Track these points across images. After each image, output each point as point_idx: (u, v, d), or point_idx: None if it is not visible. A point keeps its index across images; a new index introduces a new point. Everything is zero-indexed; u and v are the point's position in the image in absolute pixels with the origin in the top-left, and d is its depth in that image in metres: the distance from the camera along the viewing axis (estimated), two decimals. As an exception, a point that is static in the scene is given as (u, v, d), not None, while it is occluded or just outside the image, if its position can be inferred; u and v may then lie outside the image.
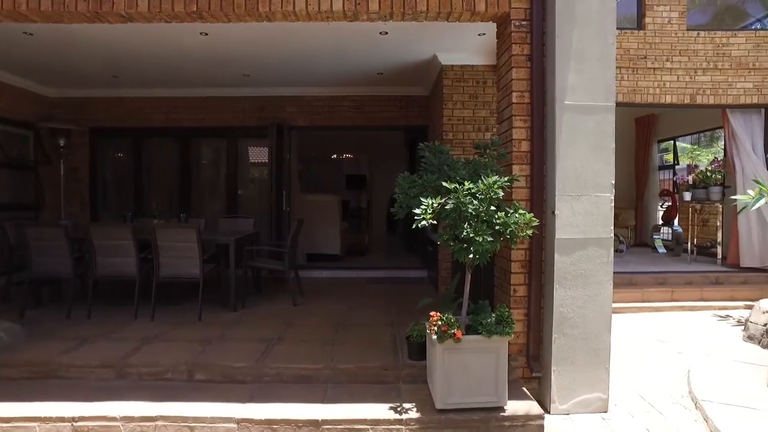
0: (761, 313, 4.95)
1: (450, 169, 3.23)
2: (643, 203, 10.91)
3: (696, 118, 9.40)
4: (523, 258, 3.65)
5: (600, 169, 3.52)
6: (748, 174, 7.21)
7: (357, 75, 7.35)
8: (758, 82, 7.44)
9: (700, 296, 6.87)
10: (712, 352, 4.71)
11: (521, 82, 3.68)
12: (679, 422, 3.53)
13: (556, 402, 3.62)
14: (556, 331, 3.54)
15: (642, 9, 7.59)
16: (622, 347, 5.13)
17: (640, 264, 8.00)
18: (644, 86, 7.46)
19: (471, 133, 6.17)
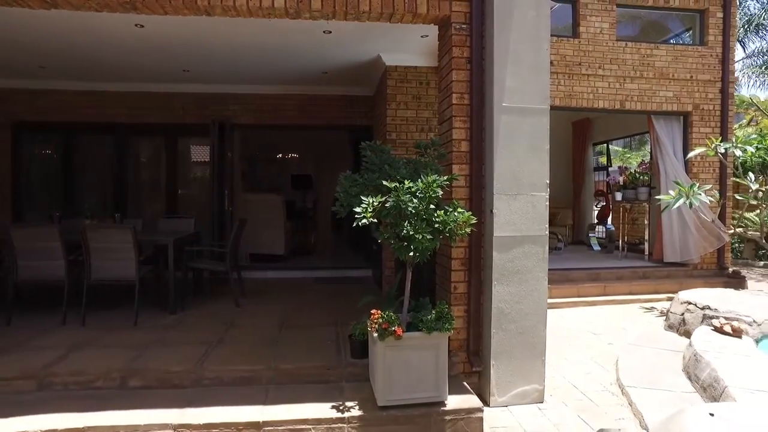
0: (679, 304, 5.31)
1: (391, 168, 3.26)
2: (580, 203, 11.43)
3: (626, 122, 9.95)
4: (463, 256, 3.75)
5: (536, 169, 3.67)
6: (671, 176, 7.72)
7: (302, 74, 7.28)
8: (677, 92, 7.99)
9: (629, 290, 7.28)
10: (638, 341, 5.01)
11: (461, 83, 3.77)
12: (608, 407, 3.74)
13: (495, 395, 3.74)
14: (495, 327, 3.66)
15: (577, 19, 7.95)
16: (559, 340, 5.36)
17: (577, 261, 8.38)
18: (579, 91, 7.82)
19: (414, 133, 6.25)
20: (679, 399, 3.68)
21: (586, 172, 11.38)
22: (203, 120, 7.93)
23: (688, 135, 8.06)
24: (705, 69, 8.12)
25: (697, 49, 8.20)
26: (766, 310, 4.85)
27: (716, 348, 4.10)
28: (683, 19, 8.67)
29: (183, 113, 8.12)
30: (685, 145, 7.99)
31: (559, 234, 9.59)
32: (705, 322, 4.87)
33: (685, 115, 8.10)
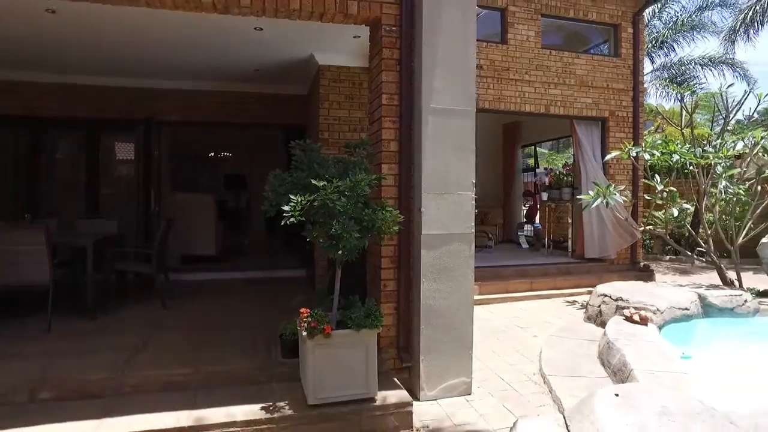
0: (597, 297, 5.68)
1: (320, 167, 3.27)
2: (510, 203, 11.92)
3: (552, 126, 10.49)
4: (393, 254, 3.82)
5: (462, 169, 3.80)
6: (591, 177, 8.23)
7: (234, 71, 7.11)
8: (596, 98, 8.54)
9: (554, 285, 7.69)
10: (560, 333, 5.30)
11: (391, 84, 3.84)
12: (531, 396, 3.93)
13: (424, 389, 3.84)
14: (424, 323, 3.76)
15: (505, 26, 8.30)
16: (488, 334, 5.58)
17: (506, 258, 8.74)
18: (508, 95, 8.16)
19: (347, 133, 6.29)
20: (593, 384, 3.93)
21: (516, 173, 11.88)
22: (130, 116, 7.55)
23: (605, 139, 8.63)
24: (619, 78, 8.72)
25: (612, 60, 8.79)
26: (668, 299, 5.29)
27: (626, 335, 4.42)
28: (601, 31, 9.27)
29: (107, 108, 7.67)
30: (603, 148, 8.55)
31: (490, 232, 9.96)
32: (618, 312, 5.22)
33: (602, 120, 8.66)
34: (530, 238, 10.48)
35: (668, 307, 5.17)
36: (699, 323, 5.41)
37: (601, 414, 2.60)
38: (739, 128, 7.31)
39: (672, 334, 5.00)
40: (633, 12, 8.89)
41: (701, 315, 5.46)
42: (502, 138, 12.17)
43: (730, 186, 6.48)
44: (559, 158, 18.66)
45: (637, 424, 2.50)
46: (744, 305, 5.58)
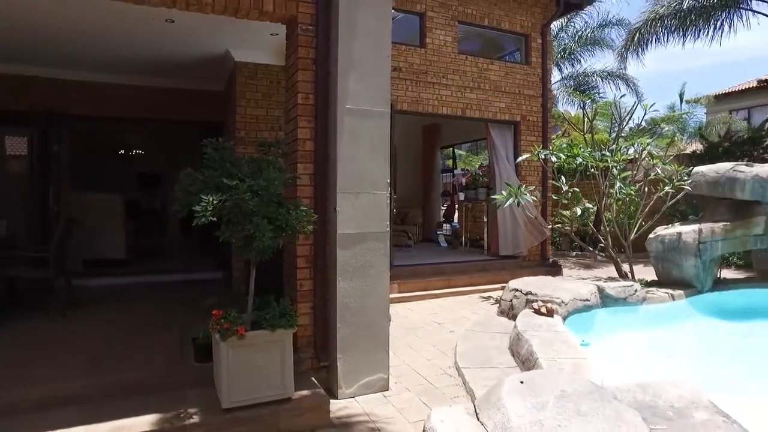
0: (509, 291, 6.00)
1: (233, 166, 3.20)
2: (429, 203, 12.26)
3: (469, 129, 10.92)
4: (309, 253, 3.82)
5: (377, 169, 3.87)
6: (504, 178, 8.66)
7: (147, 64, 6.74)
8: (508, 103, 9.00)
9: (470, 282, 8.01)
10: (474, 327, 5.54)
11: (306, 84, 3.83)
12: (446, 389, 4.08)
13: (342, 387, 3.86)
14: (340, 321, 3.78)
15: (424, 30, 8.53)
16: (407, 331, 5.71)
17: (425, 257, 8.98)
18: (426, 98, 8.39)
19: (265, 132, 6.19)
20: (504, 374, 4.14)
21: (435, 173, 12.24)
22: (25, 107, 6.91)
23: (517, 142, 9.12)
24: (530, 85, 9.25)
25: (523, 68, 9.31)
26: (571, 292, 5.69)
27: (533, 327, 4.71)
28: (514, 40, 9.78)
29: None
30: (515, 151, 9.02)
31: (410, 232, 10.19)
32: (528, 305, 5.54)
33: (515, 124, 9.14)
34: (449, 236, 10.84)
35: (571, 299, 5.56)
36: (598, 313, 5.87)
37: (507, 400, 2.76)
38: (631, 135, 8.01)
39: (575, 323, 5.39)
40: (541, 24, 9.47)
41: (600, 305, 5.92)
42: (422, 139, 12.49)
43: (623, 187, 7.08)
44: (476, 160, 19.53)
45: (538, 406, 2.68)
46: (635, 294, 6.13)
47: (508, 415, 2.63)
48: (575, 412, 2.63)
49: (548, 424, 2.54)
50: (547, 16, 9.50)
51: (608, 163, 7.13)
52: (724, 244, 6.99)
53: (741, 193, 7.00)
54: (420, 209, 12.01)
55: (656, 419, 2.77)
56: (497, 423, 2.64)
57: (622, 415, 2.59)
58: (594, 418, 2.57)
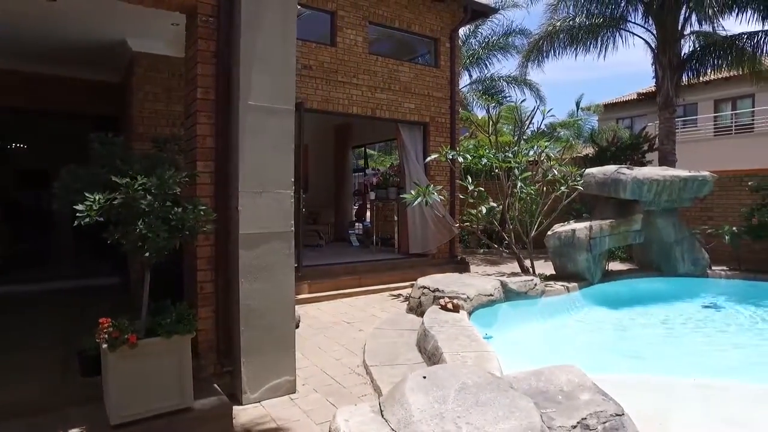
0: (417, 289, 6.14)
1: (124, 163, 2.98)
2: (341, 202, 12.24)
3: (380, 129, 11.03)
4: (209, 254, 3.65)
5: (282, 167, 3.78)
6: (413, 178, 8.86)
7: (30, 48, 6.05)
8: (418, 104, 9.22)
9: (381, 280, 8.09)
10: (383, 325, 5.60)
11: (207, 78, 3.66)
12: (354, 388, 4.08)
13: (247, 392, 3.73)
14: (244, 324, 3.65)
15: (335, 29, 8.49)
16: (316, 331, 5.65)
17: (337, 256, 8.95)
18: (336, 97, 8.36)
19: (165, 127, 5.83)
20: (411, 370, 4.20)
21: (347, 173, 12.26)
22: None
23: (427, 142, 9.36)
24: (439, 87, 9.54)
25: (432, 70, 9.57)
26: (476, 288, 5.94)
27: (440, 323, 4.85)
28: (425, 43, 10.02)
29: None
30: (424, 151, 9.26)
31: (322, 231, 10.12)
32: (435, 302, 5.70)
33: (424, 125, 9.38)
34: (360, 236, 10.91)
35: (477, 295, 5.81)
36: (501, 307, 6.18)
37: (410, 396, 2.81)
38: (531, 138, 8.53)
39: (480, 318, 5.63)
40: (450, 29, 9.79)
41: (503, 299, 6.24)
42: (334, 139, 12.45)
43: (524, 187, 7.52)
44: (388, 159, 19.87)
45: (440, 399, 2.76)
46: (534, 288, 6.52)
47: (411, 410, 2.68)
48: (474, 402, 2.74)
49: (449, 417, 2.62)
50: (456, 21, 9.84)
51: (511, 164, 7.54)
52: (610, 239, 7.67)
53: (623, 193, 7.71)
54: (332, 208, 11.96)
55: (547, 403, 2.95)
56: (400, 419, 2.68)
57: (517, 403, 2.74)
58: (491, 407, 2.69)
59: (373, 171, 11.10)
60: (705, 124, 21.90)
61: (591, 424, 2.80)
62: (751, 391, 4.16)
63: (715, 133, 21.47)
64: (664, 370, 4.72)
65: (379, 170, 10.30)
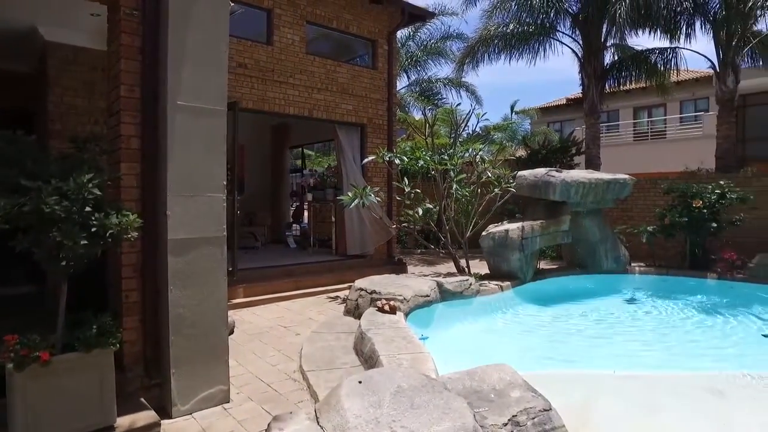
0: (354, 291, 6.13)
1: (36, 164, 2.76)
2: (278, 203, 12.02)
3: (318, 129, 10.93)
4: (136, 261, 3.46)
5: (213, 170, 3.65)
6: (351, 179, 8.84)
7: None
8: (356, 106, 9.21)
9: (319, 283, 8.01)
10: (321, 329, 5.54)
11: (131, 75, 3.46)
12: (290, 394, 4.01)
13: (177, 404, 3.57)
14: (174, 333, 3.49)
15: (271, 27, 8.31)
16: (251, 337, 5.51)
17: (273, 259, 8.77)
18: (272, 96, 8.19)
19: (87, 125, 5.46)
20: (348, 374, 4.19)
21: (284, 174, 12.05)
22: None
23: (364, 144, 9.37)
24: (376, 89, 9.57)
25: (370, 72, 9.59)
26: (413, 289, 6.01)
27: (377, 325, 4.86)
28: (363, 44, 10.02)
29: None
30: (362, 153, 9.26)
31: (257, 233, 9.89)
32: (372, 304, 5.70)
33: (362, 126, 9.38)
34: (298, 237, 10.76)
35: (413, 296, 5.87)
36: (437, 307, 6.29)
37: (346, 401, 2.79)
38: (467, 140, 8.76)
39: (417, 319, 5.70)
40: (388, 31, 9.85)
41: (439, 299, 6.35)
42: (271, 139, 12.21)
43: (459, 188, 7.71)
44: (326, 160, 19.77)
45: (375, 404, 2.76)
46: (470, 288, 6.69)
47: (346, 416, 2.67)
48: (409, 405, 2.76)
49: (384, 421, 2.63)
50: (393, 24, 9.91)
51: (447, 166, 7.70)
52: (541, 239, 8.00)
53: (553, 195, 8.07)
54: (269, 210, 11.72)
55: (481, 402, 3.03)
56: (336, 425, 2.66)
57: (451, 404, 2.79)
58: (426, 409, 2.73)
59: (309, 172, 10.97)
60: (626, 130, 23.47)
61: (521, 421, 2.91)
62: (666, 379, 4.49)
63: (635, 138, 23.04)
64: (589, 363, 4.99)
65: (317, 171, 10.20)
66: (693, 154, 16.87)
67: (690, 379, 4.43)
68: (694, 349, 5.47)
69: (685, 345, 5.63)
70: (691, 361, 5.05)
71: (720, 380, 4.35)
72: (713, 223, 8.45)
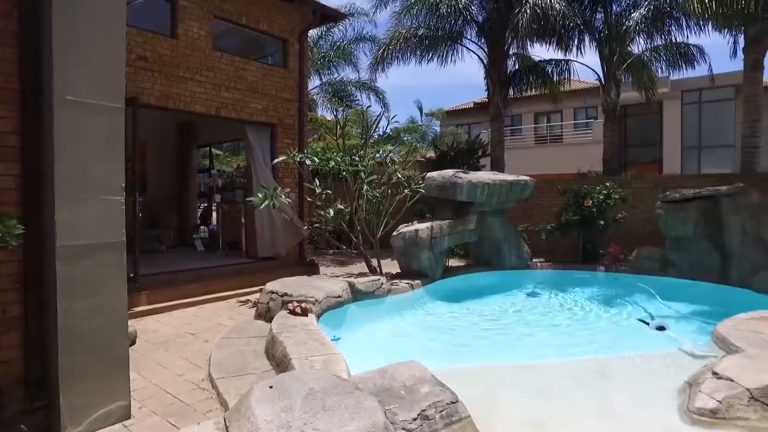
0: (266, 294, 6.00)
1: None
2: (185, 204, 11.45)
3: (227, 128, 10.54)
4: (17, 271, 3.13)
5: (109, 171, 3.40)
6: (261, 179, 8.63)
7: None
8: (266, 105, 9.02)
9: (229, 286, 7.73)
10: (231, 334, 5.36)
11: (6, 63, 3.12)
12: (198, 404, 3.85)
13: (68, 427, 3.28)
14: (65, 349, 3.21)
15: (176, 19, 7.88)
16: (156, 346, 5.22)
17: (180, 263, 8.35)
18: (177, 93, 7.78)
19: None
20: (259, 380, 4.09)
21: (191, 173, 11.50)
22: None
23: (275, 144, 9.18)
24: (287, 89, 9.43)
25: (281, 71, 9.43)
26: (325, 290, 6.00)
27: (288, 328, 4.80)
28: (274, 43, 9.80)
29: None
30: (272, 153, 9.07)
31: (162, 236, 9.36)
32: (284, 307, 5.61)
33: (272, 126, 9.19)
34: (206, 240, 10.33)
35: (325, 297, 5.86)
36: (350, 307, 6.33)
37: (256, 408, 2.73)
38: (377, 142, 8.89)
39: (329, 320, 5.70)
40: (299, 30, 9.72)
41: (351, 300, 6.39)
42: (177, 137, 11.59)
43: (370, 189, 7.81)
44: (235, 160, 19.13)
45: (287, 408, 2.73)
46: (381, 287, 6.80)
47: (257, 423, 2.62)
48: (321, 407, 2.76)
49: (296, 425, 2.61)
50: (305, 23, 9.80)
51: (358, 168, 7.76)
52: (450, 238, 8.32)
53: (460, 196, 8.43)
54: (174, 211, 11.10)
55: (391, 400, 3.11)
56: (246, 433, 2.60)
57: (362, 403, 2.83)
58: (337, 410, 2.74)
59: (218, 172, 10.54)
60: (528, 134, 25.09)
61: (430, 414, 3.02)
62: (561, 366, 4.87)
63: (536, 141, 24.70)
64: (495, 356, 5.28)
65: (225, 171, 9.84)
66: (586, 157, 18.43)
67: (581, 365, 4.84)
68: (585, 337, 5.98)
69: (578, 333, 6.14)
70: (582, 348, 5.52)
71: (605, 363, 4.81)
72: (601, 221, 9.29)
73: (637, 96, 16.45)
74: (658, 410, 3.66)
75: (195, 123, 11.21)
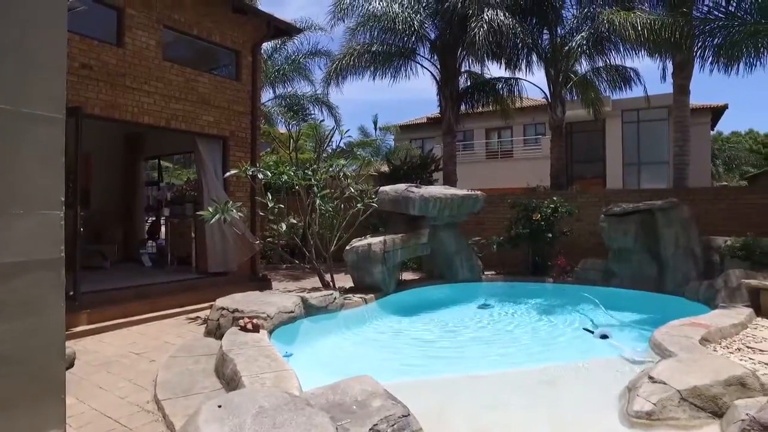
0: (216, 310, 5.86)
1: None
2: (131, 218, 11.04)
3: (177, 140, 10.28)
4: (-59, 291, 2.94)
5: (48, 184, 3.23)
6: (213, 193, 8.46)
7: None
8: (217, 117, 8.88)
9: (178, 303, 7.50)
10: (179, 353, 5.19)
11: (-68, 69, 2.95)
12: (142, 427, 3.70)
13: (-4, 458, 3.09)
14: (-7, 373, 3.02)
15: (122, 27, 7.67)
16: (96, 368, 4.98)
17: (125, 279, 8.02)
18: (123, 103, 7.55)
19: None
20: (207, 399, 3.97)
21: (138, 186, 11.13)
22: None
23: (227, 157, 9.03)
24: (239, 101, 9.32)
25: (233, 83, 9.33)
26: (277, 305, 5.90)
27: (239, 345, 4.70)
28: (226, 55, 9.68)
29: None
30: (224, 166, 8.91)
31: (106, 251, 8.98)
32: (234, 323, 5.49)
33: (224, 139, 9.05)
34: (153, 255, 9.98)
35: (277, 312, 5.77)
36: (302, 323, 6.25)
37: (204, 429, 2.67)
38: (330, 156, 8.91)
39: (281, 336, 5.62)
40: (253, 42, 9.66)
41: (304, 315, 6.32)
42: (124, 149, 11.20)
43: (323, 204, 7.80)
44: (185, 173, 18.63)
45: (236, 428, 2.68)
46: (334, 302, 6.77)
47: (205, 444, 2.55)
48: (271, 425, 2.72)
49: (245, 444, 2.56)
50: (258, 36, 9.75)
51: (311, 182, 7.74)
52: (402, 252, 8.40)
53: (413, 210, 8.55)
54: (119, 225, 10.67)
55: (343, 415, 3.10)
56: (192, 455, 2.53)
57: (313, 420, 2.81)
58: (288, 428, 2.71)
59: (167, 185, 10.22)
60: (479, 149, 25.73)
61: (382, 429, 3.03)
62: (510, 375, 4.99)
63: (487, 156, 25.36)
64: (446, 368, 5.35)
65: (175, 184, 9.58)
66: (536, 172, 19.10)
67: (529, 374, 4.97)
68: (534, 347, 6.16)
69: (526, 343, 6.32)
70: (530, 357, 5.68)
71: (552, 372, 4.96)
72: (549, 234, 9.62)
73: (583, 113, 17.24)
74: (601, 416, 3.81)
75: (143, 135, 10.87)
